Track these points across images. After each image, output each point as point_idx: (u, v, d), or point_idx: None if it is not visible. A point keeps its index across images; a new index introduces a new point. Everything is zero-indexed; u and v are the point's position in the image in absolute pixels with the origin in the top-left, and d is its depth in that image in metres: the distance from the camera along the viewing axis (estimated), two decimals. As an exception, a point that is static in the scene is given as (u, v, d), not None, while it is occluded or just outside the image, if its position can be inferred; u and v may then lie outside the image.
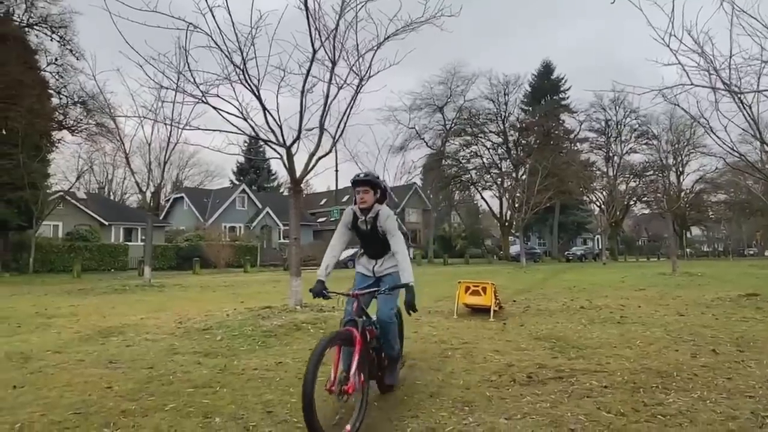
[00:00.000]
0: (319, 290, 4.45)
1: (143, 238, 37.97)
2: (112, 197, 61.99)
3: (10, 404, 4.70)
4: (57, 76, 26.81)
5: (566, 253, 57.50)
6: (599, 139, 61.86)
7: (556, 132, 60.16)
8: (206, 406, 4.64)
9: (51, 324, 9.47)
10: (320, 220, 56.06)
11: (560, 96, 62.84)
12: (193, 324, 8.91)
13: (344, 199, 53.74)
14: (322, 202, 59.46)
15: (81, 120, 27.42)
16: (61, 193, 34.87)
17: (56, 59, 26.45)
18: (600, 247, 55.44)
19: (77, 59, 26.20)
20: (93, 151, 32.79)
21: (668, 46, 9.66)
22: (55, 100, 27.36)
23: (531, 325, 9.04)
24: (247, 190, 51.89)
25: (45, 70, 26.56)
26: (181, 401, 4.78)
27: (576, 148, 61.08)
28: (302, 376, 5.66)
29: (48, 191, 31.00)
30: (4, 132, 26.52)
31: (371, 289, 4.65)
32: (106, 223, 40.31)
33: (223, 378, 5.62)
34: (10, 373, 5.82)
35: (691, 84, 10.23)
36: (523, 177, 44.94)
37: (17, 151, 26.18)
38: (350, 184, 4.89)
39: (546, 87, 62.54)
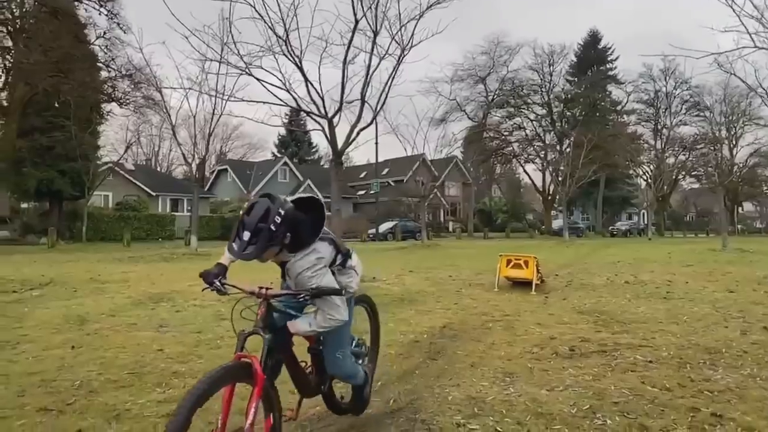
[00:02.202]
0: (212, 279, 2.84)
1: (189, 208, 38.96)
2: (158, 168, 63.63)
3: (70, 363, 4.96)
4: (105, 50, 27.43)
5: (610, 228, 56.25)
6: (647, 111, 59.69)
7: (603, 103, 58.29)
8: (253, 370, 4.78)
9: (104, 289, 9.87)
10: (360, 192, 56.26)
11: (607, 66, 60.68)
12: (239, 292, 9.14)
13: (384, 172, 53.72)
14: (362, 175, 59.55)
15: (129, 92, 28.07)
16: (111, 165, 35.95)
17: (104, 33, 27.02)
18: (646, 222, 53.98)
19: (124, 33, 26.70)
20: (140, 123, 33.61)
21: (732, 5, 9.08)
22: (104, 73, 28.07)
23: (574, 299, 8.94)
24: (289, 162, 52.40)
25: (94, 44, 27.19)
26: (229, 364, 4.94)
27: (623, 120, 59.11)
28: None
29: (98, 162, 31.98)
30: (57, 105, 27.44)
31: (292, 291, 2.83)
32: (154, 194, 41.45)
33: (269, 343, 5.77)
34: (69, 334, 6.13)
35: (755, 47, 9.62)
36: (568, 150, 43.91)
37: (69, 124, 27.09)
38: None
39: (592, 57, 60.44)
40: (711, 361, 4.96)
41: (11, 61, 24.91)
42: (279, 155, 60.18)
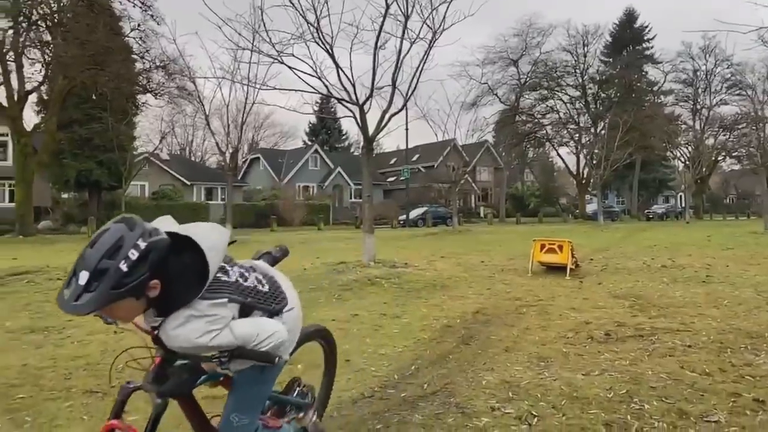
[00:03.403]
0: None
1: (223, 197, 39.57)
2: (192, 158, 64.70)
3: (113, 347, 5.12)
4: (140, 42, 27.78)
5: (646, 211, 55.01)
6: (686, 91, 57.88)
7: (639, 84, 56.76)
8: (288, 354, 4.87)
9: (144, 276, 10.11)
10: (390, 179, 56.24)
11: (644, 46, 59.00)
12: (272, 278, 9.29)
13: (414, 158, 53.54)
14: (392, 162, 59.49)
15: (163, 83, 28.45)
16: (147, 155, 36.72)
17: (139, 25, 27.37)
18: (683, 205, 52.64)
19: (158, 24, 27.02)
20: (175, 113, 34.16)
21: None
22: (138, 65, 28.47)
23: (609, 283, 8.82)
24: (320, 150, 52.66)
25: (129, 36, 27.58)
26: (265, 348, 5.04)
27: (660, 100, 57.47)
28: (377, 327, 5.87)
29: (134, 153, 32.75)
30: (94, 97, 28.10)
31: None
32: (188, 183, 42.22)
33: (303, 328, 5.87)
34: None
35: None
36: (603, 132, 42.97)
37: (106, 115, 27.73)
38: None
39: (628, 37, 58.80)
40: (753, 345, 4.85)
41: (50, 55, 25.52)
42: (310, 143, 60.52)
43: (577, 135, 53.38)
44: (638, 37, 59.12)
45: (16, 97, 25.17)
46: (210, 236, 1.91)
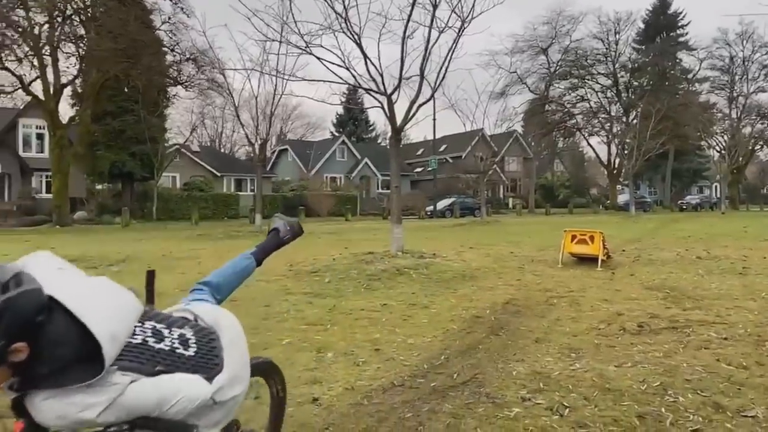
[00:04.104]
0: None
1: (252, 188, 39.98)
2: (222, 150, 65.47)
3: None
4: (170, 34, 28.21)
5: (680, 202, 53.81)
6: (722, 78, 56.18)
7: (672, 72, 55.35)
8: (319, 342, 4.93)
9: (176, 265, 10.34)
10: (417, 170, 56.06)
11: (678, 32, 57.44)
12: (302, 267, 9.39)
13: (441, 149, 53.21)
14: (419, 152, 59.25)
15: (193, 75, 28.87)
16: (178, 146, 37.32)
17: (169, 18, 27.78)
18: (718, 195, 51.35)
19: (188, 17, 27.39)
20: (205, 105, 34.65)
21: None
22: (169, 57, 28.94)
23: (642, 274, 8.67)
24: (347, 141, 52.75)
25: (159, 29, 28.03)
26: (296, 337, 5.11)
27: (694, 88, 55.98)
28: (406, 317, 5.89)
29: (166, 144, 33.33)
30: (126, 90, 28.65)
31: None
32: (219, 174, 42.76)
33: (333, 317, 5.93)
34: (146, 307, 6.47)
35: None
36: (635, 121, 42.11)
37: (138, 107, 28.28)
38: None
39: (662, 23, 57.28)
40: (792, 339, 4.72)
41: (84, 48, 26.10)
42: (337, 134, 60.68)
43: (609, 124, 52.39)
44: (672, 24, 57.55)
45: (51, 91, 25.81)
46: (109, 313, 1.38)
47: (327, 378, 4.00)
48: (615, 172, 51.72)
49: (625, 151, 39.95)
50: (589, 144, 58.10)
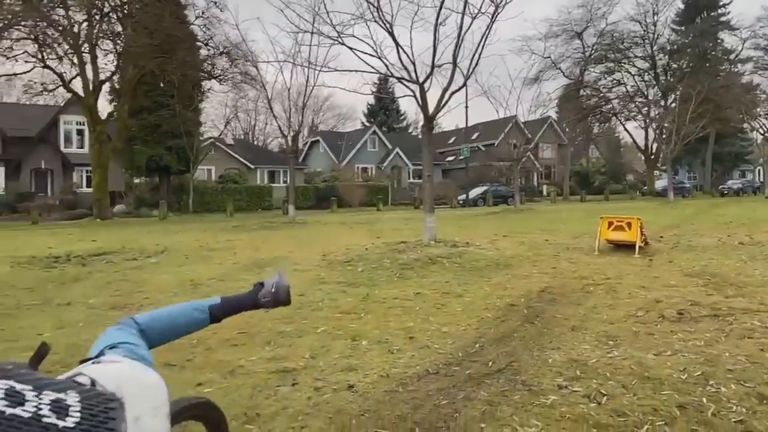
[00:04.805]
0: None
1: (285, 179, 40.38)
2: (255, 142, 66.22)
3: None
4: (204, 29, 28.60)
5: (720, 187, 52.17)
6: (765, 58, 54.11)
7: (713, 53, 53.48)
8: (353, 330, 4.97)
9: (212, 256, 10.54)
10: (449, 158, 55.69)
11: (719, 12, 55.44)
12: (335, 257, 9.46)
13: (474, 137, 52.73)
14: (451, 141, 58.83)
15: (227, 69, 29.23)
16: (212, 140, 37.89)
17: (203, 12, 28.14)
18: (762, 179, 49.62)
19: (221, 11, 27.66)
20: (238, 98, 35.00)
21: None
22: (203, 52, 29.36)
23: (681, 261, 8.46)
24: (378, 131, 52.71)
25: (193, 24, 28.45)
26: (331, 325, 5.17)
27: (737, 69, 53.99)
28: (440, 306, 5.88)
29: (201, 138, 33.87)
30: (162, 85, 29.18)
31: None
32: (252, 167, 43.29)
33: (367, 306, 5.97)
34: (184, 297, 6.62)
35: None
36: (673, 105, 40.94)
37: (173, 102, 28.79)
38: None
39: (702, 3, 55.29)
40: (842, 327, 4.55)
41: (122, 45, 26.69)
42: (368, 124, 60.68)
43: (646, 108, 51.04)
44: (713, 3, 55.52)
45: (91, 87, 26.47)
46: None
47: (362, 365, 4.04)
48: (652, 157, 50.41)
49: (664, 136, 38.91)
50: (625, 129, 56.71)
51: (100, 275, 8.49)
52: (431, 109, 10.65)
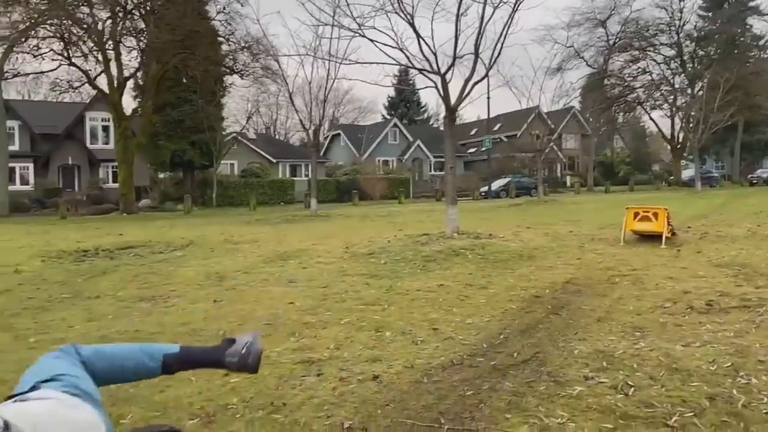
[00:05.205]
0: None
1: (307, 173, 40.59)
2: (277, 136, 66.59)
3: (214, 315, 5.46)
4: (225, 24, 28.81)
5: (750, 176, 51.01)
6: (797, 43, 52.66)
7: (742, 39, 52.16)
8: (377, 322, 4.99)
9: (237, 249, 10.65)
10: (471, 150, 55.33)
11: (749, -4, 54.05)
12: (358, 249, 9.49)
13: (496, 128, 52.30)
14: (473, 132, 58.39)
15: (248, 64, 29.42)
16: (234, 134, 38.19)
17: (224, 8, 28.38)
18: (794, 168, 48.39)
19: (242, 6, 27.83)
20: (260, 93, 35.20)
21: None
22: (224, 47, 29.58)
23: (710, 251, 8.31)
24: (399, 123, 52.57)
25: (215, 19, 28.69)
26: (354, 316, 5.19)
27: (767, 56, 52.69)
28: (464, 297, 5.87)
29: (223, 133, 34.18)
30: (185, 81, 29.49)
31: None
32: (274, 161, 43.57)
33: (390, 297, 5.98)
34: (210, 290, 6.72)
35: None
36: (700, 93, 40.07)
37: (196, 97, 29.08)
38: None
39: (731, -13, 54.07)
40: None
41: (145, 42, 27.03)
42: (389, 117, 60.59)
43: (672, 97, 50.06)
44: (742, -14, 54.14)
45: (115, 84, 26.88)
46: None
47: (386, 356, 4.05)
48: (679, 146, 49.45)
49: (690, 125, 38.15)
50: (651, 118, 55.69)
51: (127, 268, 8.64)
52: (453, 100, 10.59)
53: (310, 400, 3.30)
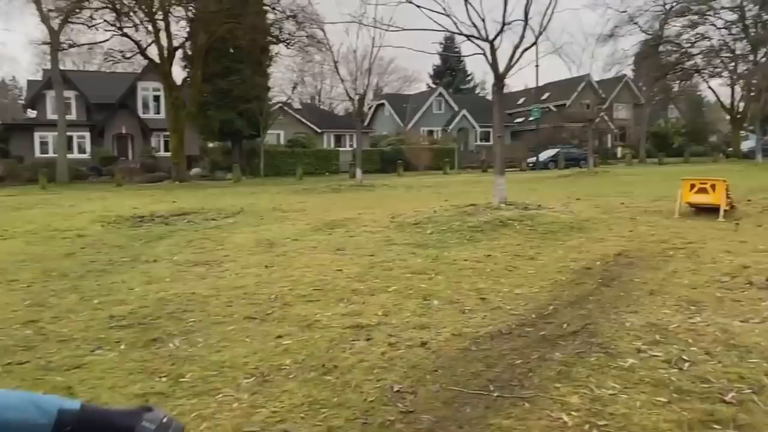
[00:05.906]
0: None
1: (351, 143, 40.67)
2: (321, 106, 66.79)
3: (266, 280, 5.60)
4: (270, -8, 28.90)
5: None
6: None
7: (812, 0, 48.96)
8: (424, 290, 5.02)
9: (286, 217, 10.85)
10: (518, 120, 54.24)
11: (823, -48, 50.41)
12: (404, 219, 9.51)
13: (544, 97, 50.97)
14: (520, 101, 57.09)
15: (294, 33, 29.49)
16: (280, 105, 38.50)
17: (270, -26, 28.45)
18: None
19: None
20: (305, 62, 35.27)
21: None
22: (270, 16, 29.72)
23: (771, 226, 7.98)
24: (444, 93, 51.84)
25: (260, -13, 28.81)
26: (402, 284, 5.24)
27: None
28: (511, 268, 5.84)
29: (269, 103, 34.51)
30: (232, 51, 29.80)
31: None
32: (319, 131, 43.81)
33: (437, 266, 5.99)
34: (262, 256, 6.89)
35: None
36: (764, 59, 38.01)
37: (244, 67, 29.38)
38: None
39: (803, -57, 50.49)
40: None
41: (193, 11, 27.38)
42: (434, 86, 59.76)
43: (733, 64, 47.55)
44: (815, -56, 50.47)
45: (165, 54, 27.40)
46: None
47: (434, 324, 4.09)
48: (739, 116, 47.17)
49: (752, 93, 36.27)
50: (709, 87, 53.11)
51: (182, 234, 8.94)
52: (501, 67, 10.36)
53: (360, 363, 3.37)
